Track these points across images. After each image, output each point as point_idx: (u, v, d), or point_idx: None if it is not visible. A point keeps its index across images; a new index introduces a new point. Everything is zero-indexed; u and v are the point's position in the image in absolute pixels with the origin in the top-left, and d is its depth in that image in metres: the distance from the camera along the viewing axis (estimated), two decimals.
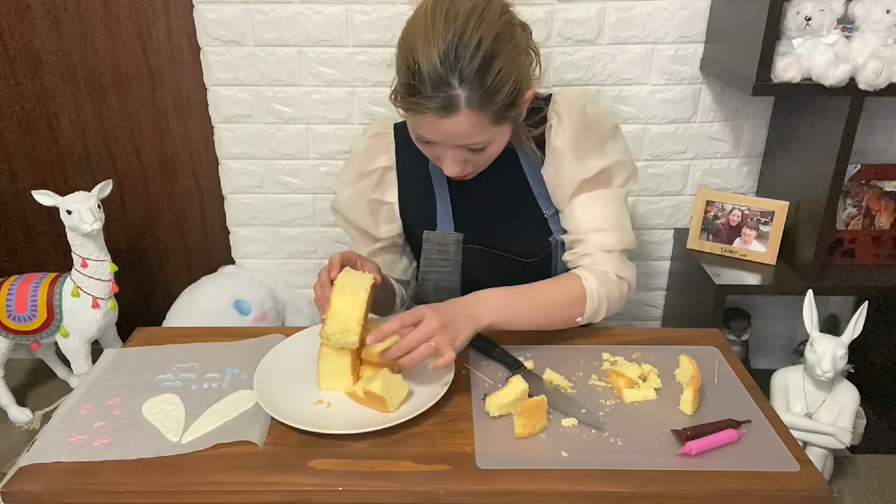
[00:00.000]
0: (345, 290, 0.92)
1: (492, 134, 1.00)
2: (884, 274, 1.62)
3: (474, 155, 1.03)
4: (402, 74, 0.96)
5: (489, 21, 0.94)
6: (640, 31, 1.64)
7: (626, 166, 1.15)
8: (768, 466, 0.80)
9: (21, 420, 1.83)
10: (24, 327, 1.68)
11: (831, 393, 1.49)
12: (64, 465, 0.82)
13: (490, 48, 0.93)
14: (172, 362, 1.02)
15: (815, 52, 1.37)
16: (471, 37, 0.92)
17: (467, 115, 0.94)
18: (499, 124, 1.00)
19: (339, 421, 0.87)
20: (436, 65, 0.91)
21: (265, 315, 1.77)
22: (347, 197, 1.21)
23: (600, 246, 1.11)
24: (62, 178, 1.88)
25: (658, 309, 1.99)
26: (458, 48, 0.91)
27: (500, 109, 0.97)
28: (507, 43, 0.95)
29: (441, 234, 1.20)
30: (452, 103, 0.93)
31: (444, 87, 0.92)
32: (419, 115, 0.96)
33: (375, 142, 1.21)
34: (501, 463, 0.81)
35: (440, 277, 1.24)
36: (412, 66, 0.93)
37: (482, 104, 0.94)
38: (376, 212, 1.21)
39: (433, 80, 0.92)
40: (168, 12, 1.70)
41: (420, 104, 0.94)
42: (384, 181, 1.20)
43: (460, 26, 0.92)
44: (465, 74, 0.92)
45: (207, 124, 1.77)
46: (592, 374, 0.99)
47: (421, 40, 0.93)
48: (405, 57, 0.95)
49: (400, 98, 0.98)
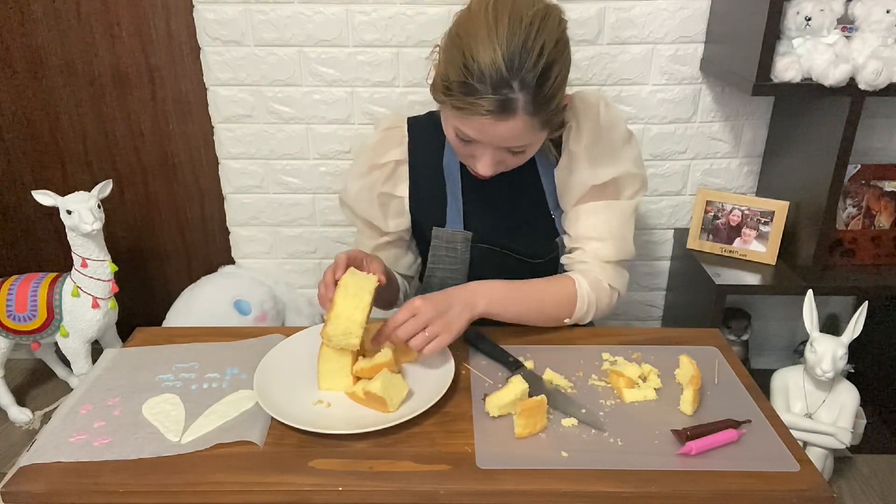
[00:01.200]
0: (348, 291, 0.92)
1: (537, 138, 1.01)
2: (884, 274, 1.62)
3: (513, 157, 1.03)
4: (456, 72, 0.94)
5: (550, 27, 0.94)
6: (640, 31, 1.64)
7: (637, 179, 1.16)
8: (768, 466, 0.80)
9: (21, 420, 1.83)
10: (24, 327, 1.68)
11: (831, 393, 1.49)
12: (64, 465, 0.81)
13: (551, 55, 0.93)
14: (172, 362, 1.02)
15: (815, 52, 1.37)
16: (534, 42, 0.91)
17: (522, 119, 0.94)
18: (545, 129, 1.01)
19: (339, 421, 0.87)
20: (500, 67, 0.90)
21: (265, 315, 1.77)
22: (357, 189, 1.20)
23: (598, 255, 1.14)
24: (62, 178, 1.88)
25: (658, 309, 1.99)
26: (523, 53, 0.90)
27: (551, 115, 0.98)
28: (563, 51, 0.96)
29: (450, 232, 1.20)
30: (510, 107, 0.93)
31: (504, 90, 0.91)
32: (472, 114, 0.94)
33: (388, 135, 1.20)
34: (501, 463, 0.81)
35: (447, 275, 1.24)
36: (471, 66, 0.92)
37: (537, 109, 0.94)
38: (385, 205, 1.21)
39: (494, 81, 0.91)
40: (168, 12, 1.70)
41: (477, 104, 0.92)
42: (395, 175, 1.20)
43: (525, 30, 0.91)
44: (526, 79, 0.91)
45: (207, 124, 1.77)
46: (592, 374, 0.98)
47: (483, 40, 0.91)
48: (463, 55, 0.93)
49: (451, 95, 0.95)
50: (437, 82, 0.99)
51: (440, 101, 1.00)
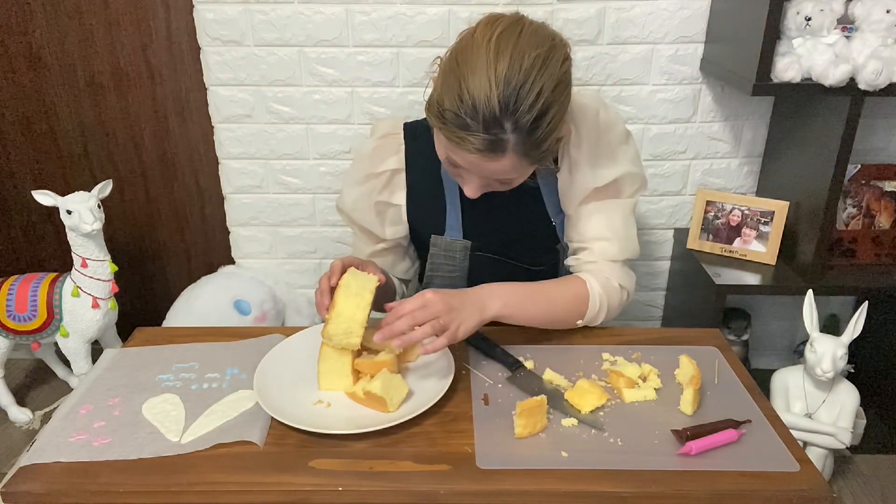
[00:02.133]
0: (350, 290, 0.92)
1: (527, 171, 1.01)
2: (884, 274, 1.62)
3: (501, 184, 1.02)
4: (451, 101, 0.91)
5: (552, 70, 0.91)
6: (640, 31, 1.64)
7: (636, 178, 1.16)
8: (768, 466, 0.81)
9: (21, 420, 1.83)
10: (24, 327, 1.68)
11: (831, 393, 1.49)
12: (64, 465, 0.81)
13: (548, 99, 0.91)
14: (172, 362, 1.02)
15: (815, 52, 1.37)
16: (532, 86, 0.89)
17: (511, 158, 0.93)
18: (535, 165, 1.00)
19: (339, 421, 0.87)
20: (493, 107, 0.88)
21: (265, 315, 1.77)
22: (354, 197, 1.20)
23: (604, 255, 1.13)
24: (62, 178, 1.88)
25: (658, 309, 1.99)
26: (519, 96, 0.88)
27: (542, 155, 0.97)
28: (562, 92, 0.94)
29: (449, 241, 1.20)
30: (500, 147, 0.91)
31: (494, 130, 0.90)
32: (462, 149, 0.93)
33: (385, 143, 1.19)
34: (501, 463, 0.81)
35: (445, 283, 1.24)
36: (466, 100, 0.89)
37: (527, 151, 0.93)
38: (382, 213, 1.20)
39: (487, 120, 0.89)
40: (168, 12, 1.70)
41: (467, 140, 0.91)
42: (392, 183, 1.19)
43: (525, 72, 0.88)
44: (519, 122, 0.89)
45: (207, 124, 1.77)
46: (592, 374, 0.98)
47: (481, 76, 0.88)
48: (459, 86, 0.90)
49: (445, 124, 0.93)
50: (432, 104, 0.96)
51: (434, 125, 0.98)
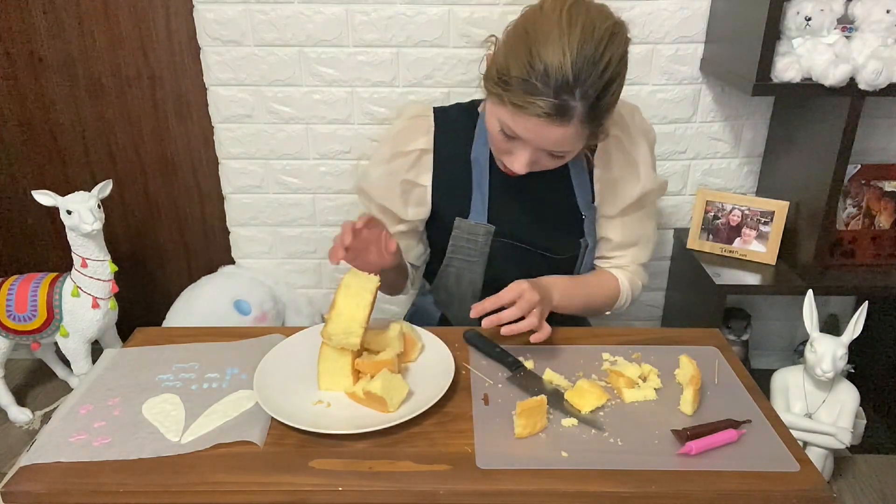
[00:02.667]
0: (350, 290, 0.92)
1: (581, 146, 1.02)
2: (884, 274, 1.62)
3: (551, 160, 1.03)
4: (519, 68, 0.92)
5: (618, 42, 0.94)
6: (640, 31, 1.64)
7: (663, 184, 1.24)
8: (768, 466, 0.80)
9: (21, 420, 1.83)
10: (24, 327, 1.68)
11: (831, 393, 1.49)
12: (64, 465, 0.81)
13: (615, 71, 0.93)
14: (172, 362, 1.02)
15: (815, 52, 1.37)
16: (603, 55, 0.91)
17: (576, 126, 0.95)
18: (590, 139, 1.01)
19: (339, 421, 0.87)
20: (566, 73, 0.90)
21: (265, 315, 1.77)
22: (378, 175, 1.19)
23: (636, 259, 1.25)
24: (62, 178, 1.88)
25: (658, 309, 1.99)
26: (591, 63, 0.90)
27: (601, 127, 0.99)
28: (624, 68, 0.97)
29: (473, 224, 1.19)
30: (568, 113, 0.93)
31: (565, 96, 0.91)
32: (527, 113, 0.94)
33: (414, 123, 1.19)
34: (501, 463, 0.81)
35: (463, 266, 1.23)
36: (537, 65, 0.91)
37: (591, 120, 0.95)
38: (407, 192, 1.20)
39: (558, 86, 0.91)
40: (168, 12, 1.70)
41: (535, 104, 0.92)
42: (420, 163, 1.19)
43: (596, 42, 0.91)
44: (588, 90, 0.92)
45: (207, 124, 1.77)
46: (592, 374, 0.98)
47: (554, 43, 0.90)
48: (529, 52, 0.92)
49: (509, 90, 0.94)
50: (491, 73, 0.98)
51: (494, 92, 0.98)
